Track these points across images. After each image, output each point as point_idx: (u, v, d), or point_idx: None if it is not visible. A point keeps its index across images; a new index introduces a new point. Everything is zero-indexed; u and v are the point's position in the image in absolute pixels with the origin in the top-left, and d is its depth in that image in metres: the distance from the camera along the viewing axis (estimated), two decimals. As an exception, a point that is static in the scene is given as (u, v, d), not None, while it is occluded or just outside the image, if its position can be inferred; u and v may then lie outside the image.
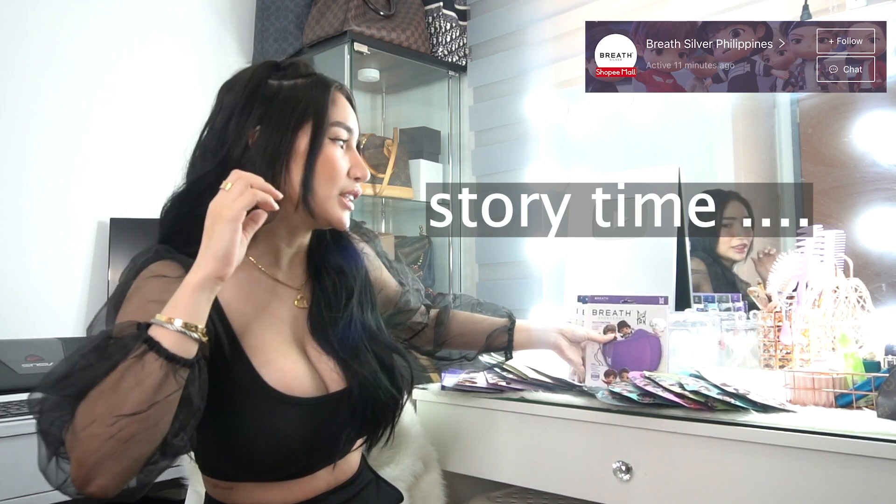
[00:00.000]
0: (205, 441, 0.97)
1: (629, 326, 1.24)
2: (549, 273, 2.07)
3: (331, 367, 1.02)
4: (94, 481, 0.75)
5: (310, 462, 1.01)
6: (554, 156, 2.13)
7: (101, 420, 0.75)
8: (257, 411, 0.94)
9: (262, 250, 1.04)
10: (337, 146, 1.02)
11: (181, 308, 0.81)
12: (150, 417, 0.76)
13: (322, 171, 1.00)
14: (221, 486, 1.00)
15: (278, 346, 0.99)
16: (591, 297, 1.34)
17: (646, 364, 1.21)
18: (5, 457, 1.38)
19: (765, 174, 1.76)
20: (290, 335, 1.02)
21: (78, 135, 2.06)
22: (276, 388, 0.95)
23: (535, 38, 2.27)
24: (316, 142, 0.99)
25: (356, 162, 1.04)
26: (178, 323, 0.79)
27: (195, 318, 0.81)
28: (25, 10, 1.99)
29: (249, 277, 1.02)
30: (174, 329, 0.79)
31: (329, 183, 1.00)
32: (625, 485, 1.11)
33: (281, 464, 0.98)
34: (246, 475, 0.98)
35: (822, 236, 1.35)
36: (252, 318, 0.99)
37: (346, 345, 1.04)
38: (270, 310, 1.02)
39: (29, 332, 1.86)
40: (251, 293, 1.01)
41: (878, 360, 1.14)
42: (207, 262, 0.82)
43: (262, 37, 2.41)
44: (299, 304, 1.06)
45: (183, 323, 0.80)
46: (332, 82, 1.05)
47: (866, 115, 1.53)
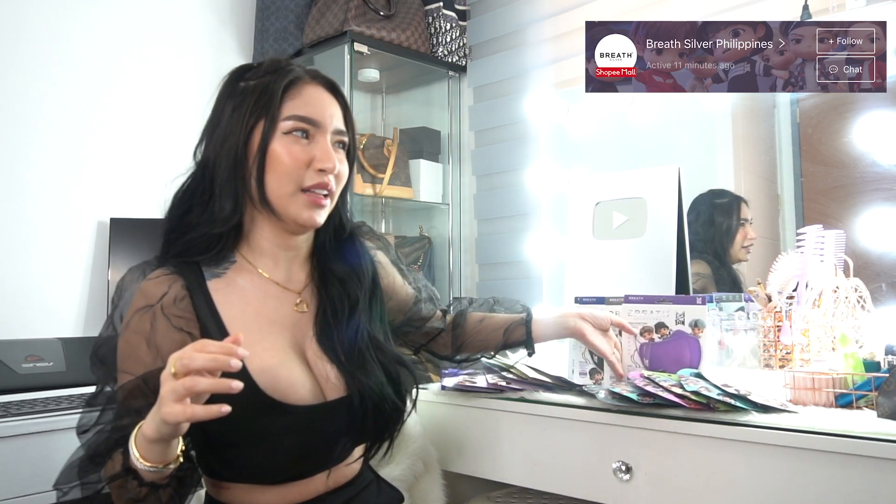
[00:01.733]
0: (202, 443, 0.98)
1: (667, 327, 1.22)
2: (549, 273, 2.07)
3: (331, 374, 1.00)
4: None
5: (304, 469, 1.00)
6: (554, 156, 2.13)
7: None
8: (251, 418, 0.93)
9: (260, 254, 1.03)
10: (292, 139, 0.98)
11: (149, 455, 0.83)
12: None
13: (271, 166, 0.97)
14: (219, 486, 1.01)
15: (276, 353, 0.98)
16: (588, 297, 1.35)
17: (685, 366, 1.18)
18: (5, 457, 1.38)
19: (765, 174, 1.76)
20: (289, 340, 1.01)
21: (78, 135, 2.06)
22: (270, 396, 0.94)
23: (535, 38, 2.27)
24: (264, 137, 0.97)
25: (322, 153, 0.98)
26: (148, 467, 0.83)
27: (164, 459, 0.84)
28: (25, 10, 1.99)
29: (250, 282, 1.02)
30: (147, 469, 0.83)
31: (282, 178, 0.97)
32: (625, 485, 1.11)
33: (275, 469, 0.98)
34: (241, 478, 0.99)
35: (822, 236, 1.35)
36: (250, 322, 0.98)
37: (352, 354, 1.02)
38: (269, 314, 1.01)
39: (29, 332, 1.86)
40: (251, 298, 1.01)
41: (878, 360, 1.14)
42: (159, 428, 0.80)
43: (262, 37, 2.41)
44: (299, 309, 1.04)
45: (155, 467, 0.83)
46: (294, 75, 1.01)
47: (866, 115, 1.53)
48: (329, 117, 1.01)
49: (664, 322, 1.22)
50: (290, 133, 0.98)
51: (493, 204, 2.37)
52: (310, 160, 0.98)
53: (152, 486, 0.84)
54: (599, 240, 1.59)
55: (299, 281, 1.06)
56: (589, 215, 1.62)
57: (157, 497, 0.85)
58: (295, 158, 0.97)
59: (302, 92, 1.00)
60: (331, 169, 0.99)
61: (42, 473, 1.43)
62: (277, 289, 1.03)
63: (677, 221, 1.45)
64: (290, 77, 1.00)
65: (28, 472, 1.41)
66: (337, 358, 1.01)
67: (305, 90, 1.01)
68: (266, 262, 1.03)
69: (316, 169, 0.98)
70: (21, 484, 1.40)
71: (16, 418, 1.41)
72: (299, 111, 0.99)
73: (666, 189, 1.48)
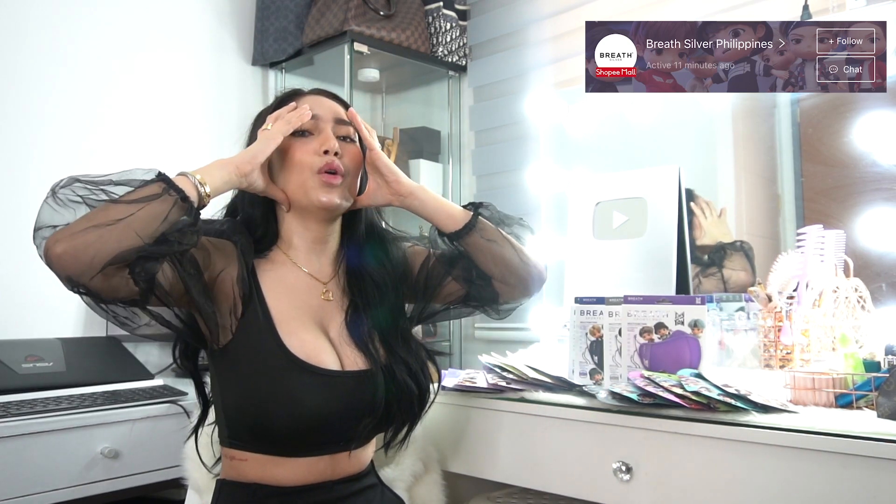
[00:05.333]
0: (227, 405, 1.05)
1: (666, 328, 1.22)
2: (549, 273, 2.06)
3: (352, 353, 1.08)
4: (55, 245, 0.87)
5: (325, 438, 1.04)
6: (554, 156, 2.13)
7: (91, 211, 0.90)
8: (277, 376, 1.02)
9: (294, 249, 1.13)
10: (297, 139, 1.09)
11: (201, 171, 0.99)
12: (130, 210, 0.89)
13: (285, 163, 1.09)
14: (238, 459, 1.05)
15: (304, 321, 1.07)
16: (588, 297, 1.35)
17: (685, 366, 1.18)
18: (5, 457, 1.38)
19: (765, 174, 1.76)
20: (313, 318, 1.09)
21: (78, 134, 2.06)
22: (297, 356, 1.02)
23: (535, 38, 2.27)
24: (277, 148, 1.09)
25: (323, 138, 1.09)
26: (195, 177, 0.97)
27: (208, 179, 0.98)
28: (25, 10, 1.99)
29: (284, 267, 1.11)
30: (190, 178, 0.96)
31: (295, 168, 1.09)
32: (625, 485, 1.11)
33: (297, 432, 1.02)
34: (262, 445, 1.03)
35: (823, 236, 1.35)
36: (282, 295, 1.08)
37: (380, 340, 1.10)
38: (299, 295, 1.10)
39: (29, 332, 1.85)
40: (284, 279, 1.10)
41: (878, 360, 1.15)
42: (237, 156, 1.04)
43: (262, 37, 2.41)
44: (325, 297, 1.12)
45: (199, 179, 0.97)
46: (294, 91, 1.16)
47: (866, 115, 1.53)
48: (327, 110, 1.12)
49: (664, 322, 1.22)
50: (294, 135, 1.09)
51: (493, 204, 2.37)
52: (315, 148, 1.09)
53: (173, 188, 0.93)
54: (599, 240, 1.59)
55: (327, 273, 1.14)
56: (589, 215, 1.62)
57: (167, 196, 0.92)
58: (303, 150, 1.09)
59: (301, 102, 1.13)
60: (331, 148, 1.08)
61: (42, 473, 1.43)
62: (308, 277, 1.12)
63: (677, 221, 1.45)
64: (290, 93, 1.16)
65: (28, 472, 1.41)
66: (363, 343, 1.08)
67: (304, 99, 1.14)
68: (299, 255, 1.13)
69: (320, 152, 1.08)
70: (21, 484, 1.40)
71: (16, 418, 1.41)
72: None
73: (666, 189, 1.48)
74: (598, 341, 1.30)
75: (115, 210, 0.89)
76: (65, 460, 1.46)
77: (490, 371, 1.35)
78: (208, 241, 1.05)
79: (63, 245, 0.87)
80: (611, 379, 1.23)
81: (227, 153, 1.08)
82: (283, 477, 1.03)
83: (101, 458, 1.50)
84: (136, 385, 1.71)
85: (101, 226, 0.87)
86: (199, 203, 0.96)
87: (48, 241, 0.88)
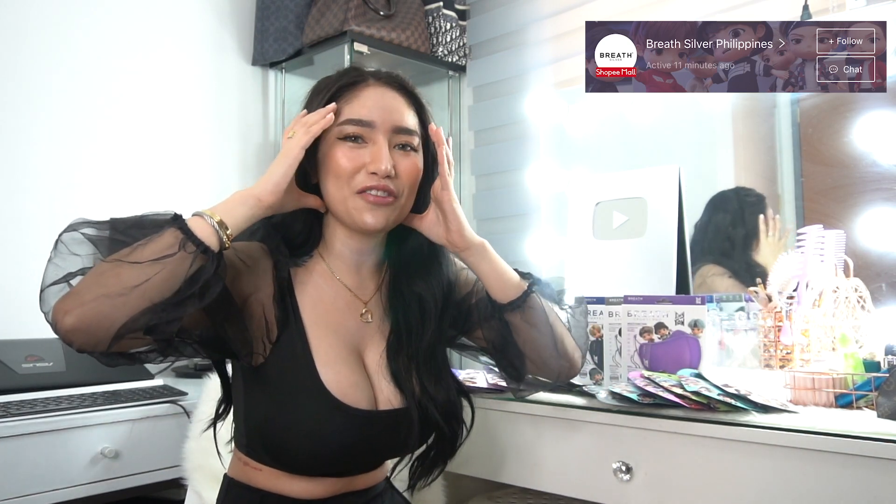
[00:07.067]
0: (249, 421, 0.99)
1: (666, 328, 1.22)
2: (549, 273, 2.07)
3: (387, 388, 1.01)
4: (65, 318, 0.78)
5: (345, 468, 1.01)
6: (554, 156, 2.13)
7: (101, 268, 0.82)
8: (307, 411, 0.95)
9: (336, 256, 1.04)
10: (347, 144, 0.97)
11: (220, 209, 0.89)
12: (145, 274, 0.80)
13: (328, 171, 0.98)
14: (251, 466, 1.01)
15: (341, 350, 0.99)
16: (588, 297, 1.35)
17: (685, 366, 1.18)
18: (5, 457, 1.38)
19: (765, 174, 1.76)
20: (350, 344, 1.01)
21: (78, 135, 2.06)
22: (332, 392, 0.95)
23: (535, 38, 2.27)
24: (321, 143, 0.99)
25: (374, 155, 0.96)
26: (213, 219, 0.87)
27: (228, 220, 0.88)
28: (25, 10, 1.99)
29: (323, 280, 1.02)
30: (208, 221, 0.86)
31: (336, 182, 0.97)
32: (625, 485, 1.11)
33: (317, 464, 0.98)
34: (279, 464, 0.99)
35: (823, 236, 1.35)
36: (320, 317, 1.00)
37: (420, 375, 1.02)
38: (337, 316, 1.02)
39: (29, 332, 1.85)
40: (323, 295, 1.01)
41: (878, 360, 1.15)
42: (258, 185, 0.92)
43: (262, 37, 2.41)
44: (364, 319, 1.04)
45: (218, 220, 0.87)
46: (351, 78, 1.00)
47: (866, 115, 1.53)
48: (386, 116, 0.98)
49: (664, 322, 1.22)
50: (345, 139, 0.97)
51: (493, 204, 2.37)
52: (363, 164, 0.96)
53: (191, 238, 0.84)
54: (599, 240, 1.59)
55: (368, 289, 1.05)
56: (589, 215, 1.62)
57: (183, 251, 0.83)
58: (349, 162, 0.96)
59: (360, 94, 0.99)
60: (382, 172, 0.95)
61: (42, 473, 1.43)
62: (347, 293, 1.03)
63: (677, 221, 1.45)
64: (346, 80, 1.00)
65: (28, 472, 1.41)
66: (399, 377, 1.01)
67: (364, 91, 0.99)
68: (339, 264, 1.04)
69: (368, 172, 0.96)
70: (21, 484, 1.40)
71: (16, 418, 1.41)
72: (353, 114, 0.98)
73: (666, 189, 1.49)
74: (598, 341, 1.30)
75: (129, 274, 0.80)
76: (65, 460, 1.46)
77: (490, 371, 1.35)
78: (236, 254, 0.95)
79: (74, 318, 0.78)
80: (611, 379, 1.24)
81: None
82: (296, 491, 0.99)
83: (101, 458, 1.50)
84: (136, 385, 1.71)
85: (114, 296, 0.79)
86: (219, 248, 0.87)
87: (56, 312, 0.79)
